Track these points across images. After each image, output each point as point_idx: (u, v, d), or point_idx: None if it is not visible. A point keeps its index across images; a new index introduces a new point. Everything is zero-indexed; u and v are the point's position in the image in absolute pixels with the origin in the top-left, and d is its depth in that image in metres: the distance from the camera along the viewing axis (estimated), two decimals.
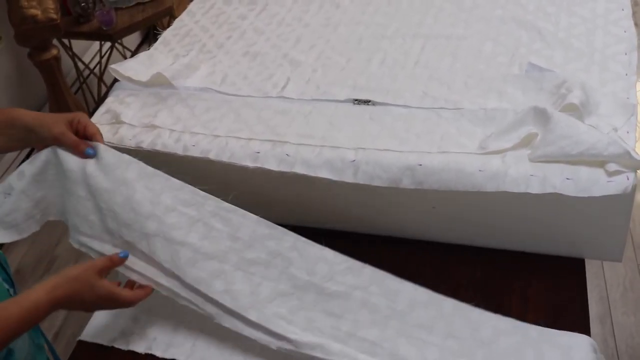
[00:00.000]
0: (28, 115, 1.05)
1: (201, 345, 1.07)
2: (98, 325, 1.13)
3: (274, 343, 1.00)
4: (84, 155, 1.07)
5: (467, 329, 1.02)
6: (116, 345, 1.09)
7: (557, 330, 1.01)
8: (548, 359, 0.98)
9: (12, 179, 1.07)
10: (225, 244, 1.07)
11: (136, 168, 1.08)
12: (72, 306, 0.96)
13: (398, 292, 1.06)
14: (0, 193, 1.07)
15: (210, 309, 1.03)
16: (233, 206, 1.09)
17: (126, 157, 1.09)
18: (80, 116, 1.09)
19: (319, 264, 1.08)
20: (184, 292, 1.04)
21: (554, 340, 1.00)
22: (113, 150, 1.09)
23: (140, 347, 1.08)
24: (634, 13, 1.41)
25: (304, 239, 1.09)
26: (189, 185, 1.09)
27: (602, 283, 2.08)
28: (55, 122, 1.06)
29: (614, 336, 1.86)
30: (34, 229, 1.09)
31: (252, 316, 1.01)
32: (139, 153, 1.22)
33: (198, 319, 1.10)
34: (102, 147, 1.08)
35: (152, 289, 1.03)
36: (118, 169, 1.07)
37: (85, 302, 0.96)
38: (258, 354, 1.04)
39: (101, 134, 1.10)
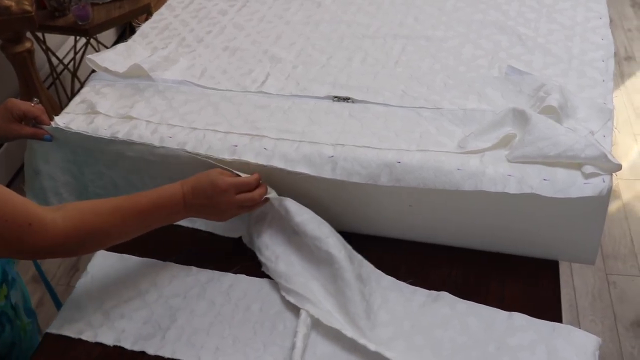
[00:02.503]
0: None
1: (171, 337, 1.05)
2: (65, 318, 1.10)
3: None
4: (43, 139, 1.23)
5: (480, 325, 1.04)
6: (84, 338, 1.07)
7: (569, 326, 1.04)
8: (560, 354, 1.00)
9: (39, 162, 1.27)
10: None
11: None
12: (198, 201, 1.05)
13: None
14: (32, 171, 1.28)
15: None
16: None
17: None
18: (13, 107, 1.17)
19: None
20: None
21: (567, 337, 1.02)
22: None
23: (108, 339, 1.06)
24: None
25: None
26: None
27: (571, 291, 2.10)
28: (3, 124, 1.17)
29: None
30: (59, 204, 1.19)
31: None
32: (113, 143, 1.20)
33: (168, 311, 1.09)
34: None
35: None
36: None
37: (208, 196, 1.05)
38: (230, 346, 1.03)
39: (43, 111, 1.21)
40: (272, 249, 1.13)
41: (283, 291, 1.09)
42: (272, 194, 1.12)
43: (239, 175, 1.11)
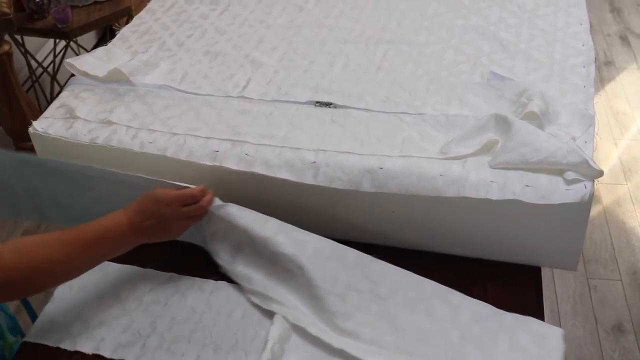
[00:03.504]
0: None
1: (151, 346, 1.03)
2: (44, 326, 1.08)
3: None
4: None
5: (446, 310, 1.04)
6: (62, 346, 1.05)
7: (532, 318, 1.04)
8: (522, 344, 1.00)
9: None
10: None
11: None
12: (145, 222, 1.00)
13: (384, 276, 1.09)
14: None
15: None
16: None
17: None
18: None
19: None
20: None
21: (529, 328, 1.02)
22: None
23: (87, 348, 1.04)
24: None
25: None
26: None
27: (552, 296, 2.11)
28: None
29: None
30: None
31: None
32: (93, 148, 1.19)
33: (148, 319, 1.07)
34: None
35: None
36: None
37: (154, 214, 1.01)
38: (211, 354, 1.01)
39: None
40: (228, 252, 1.12)
41: (248, 293, 1.09)
42: (215, 202, 1.09)
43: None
